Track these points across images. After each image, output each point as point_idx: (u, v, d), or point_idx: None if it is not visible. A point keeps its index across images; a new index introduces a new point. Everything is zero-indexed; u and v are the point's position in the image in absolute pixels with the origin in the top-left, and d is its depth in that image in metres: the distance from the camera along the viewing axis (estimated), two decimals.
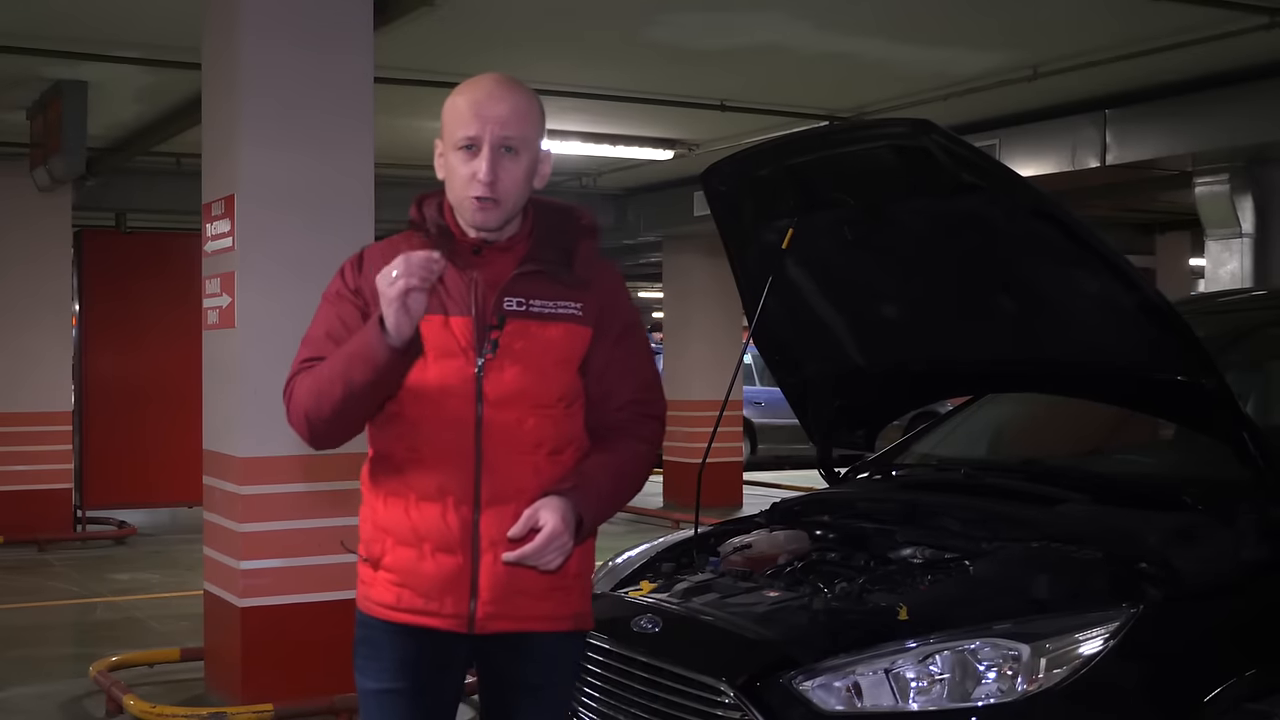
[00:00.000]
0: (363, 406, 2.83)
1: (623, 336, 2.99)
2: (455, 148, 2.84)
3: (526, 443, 2.85)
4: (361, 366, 2.73)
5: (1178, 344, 3.65)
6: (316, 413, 2.84)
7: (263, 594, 6.28)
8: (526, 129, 2.85)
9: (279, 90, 6.30)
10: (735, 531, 4.38)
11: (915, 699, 3.25)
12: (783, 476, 16.67)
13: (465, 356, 2.84)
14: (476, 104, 2.82)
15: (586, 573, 3.02)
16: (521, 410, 2.84)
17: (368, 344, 2.71)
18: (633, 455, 2.97)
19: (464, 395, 2.83)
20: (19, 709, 6.77)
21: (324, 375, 2.81)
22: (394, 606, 2.90)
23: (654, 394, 3.06)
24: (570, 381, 2.92)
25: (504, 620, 2.87)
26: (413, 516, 2.86)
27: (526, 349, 2.85)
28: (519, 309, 2.86)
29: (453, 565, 2.84)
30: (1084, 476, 4.28)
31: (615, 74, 9.48)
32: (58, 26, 8.10)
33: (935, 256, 4.07)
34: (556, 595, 2.92)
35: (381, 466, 2.93)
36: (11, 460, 12.56)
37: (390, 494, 2.90)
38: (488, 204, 2.82)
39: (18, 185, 11.91)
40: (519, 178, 2.85)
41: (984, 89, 9.46)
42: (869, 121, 6.92)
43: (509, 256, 2.90)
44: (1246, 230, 10.09)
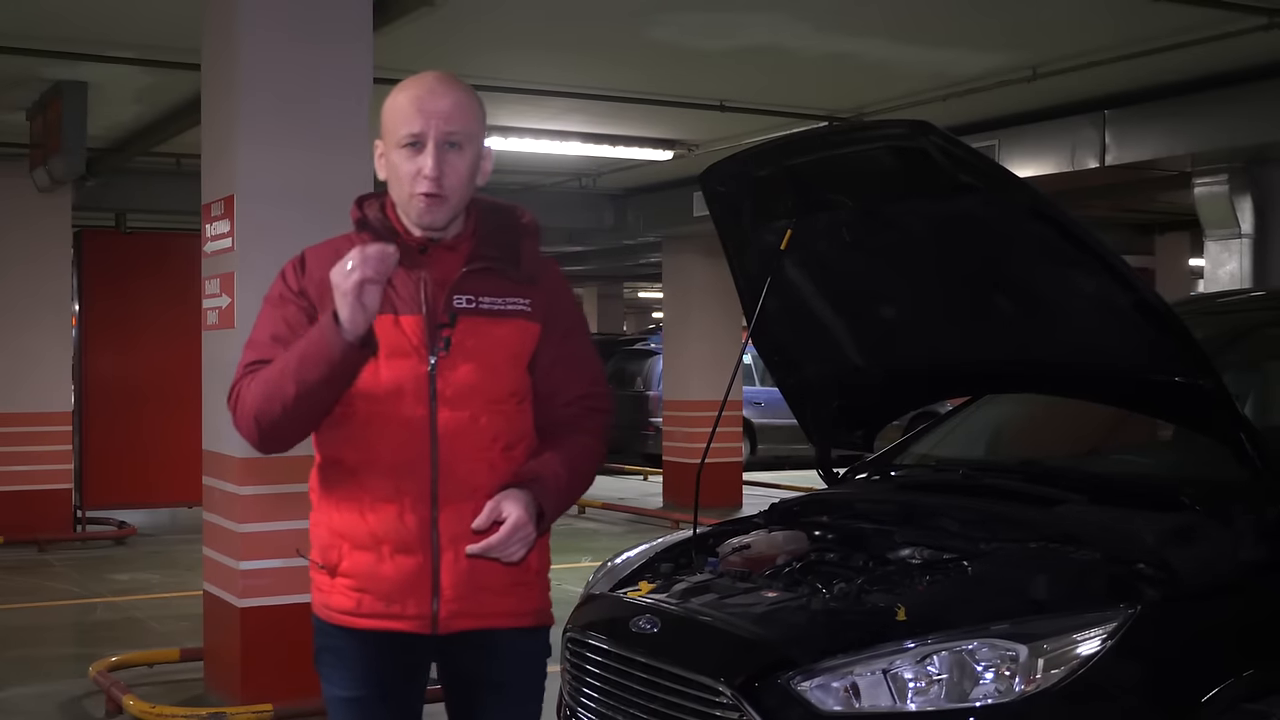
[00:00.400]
0: (315, 406, 2.81)
1: (569, 332, 3.00)
2: (398, 145, 2.83)
3: (481, 439, 2.85)
4: (315, 364, 2.71)
5: (1175, 344, 3.65)
6: (267, 414, 2.81)
7: (262, 594, 6.28)
8: (470, 124, 2.84)
9: (278, 90, 6.31)
10: (734, 532, 4.38)
11: (913, 699, 3.25)
12: (782, 477, 16.67)
13: (417, 355, 2.83)
14: (419, 100, 2.82)
15: (545, 569, 3.02)
16: (475, 407, 2.84)
17: (322, 341, 2.70)
18: (585, 449, 2.98)
19: (418, 394, 2.83)
20: (18, 709, 6.77)
21: (275, 375, 2.79)
22: (354, 613, 2.89)
23: (601, 388, 3.06)
24: (520, 377, 2.92)
25: (467, 618, 2.87)
26: (369, 519, 2.85)
27: (478, 346, 2.85)
28: (469, 306, 2.86)
29: (413, 566, 2.83)
30: (1082, 477, 4.28)
31: (615, 74, 9.49)
32: (57, 27, 8.11)
33: (933, 257, 4.08)
34: (518, 591, 2.93)
35: (332, 471, 2.92)
36: (11, 460, 12.57)
37: (344, 498, 2.89)
38: (435, 200, 2.82)
39: (18, 185, 11.91)
40: (464, 173, 2.84)
41: (983, 90, 9.46)
42: (868, 123, 6.93)
43: (455, 255, 2.90)
44: (1245, 231, 10.10)
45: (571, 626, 4.02)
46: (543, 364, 2.95)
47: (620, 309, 34.63)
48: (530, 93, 9.91)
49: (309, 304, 2.89)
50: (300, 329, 2.84)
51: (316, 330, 2.73)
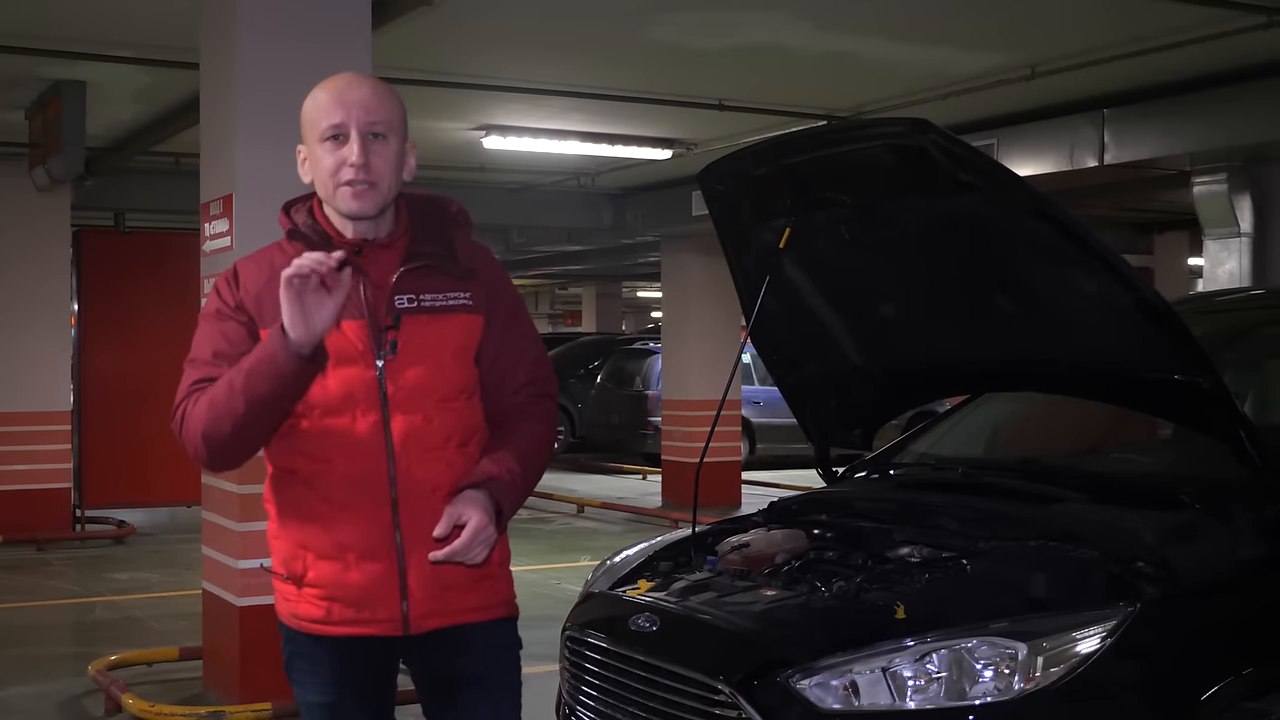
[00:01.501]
0: (265, 421, 2.78)
1: (511, 320, 2.99)
2: (321, 139, 2.81)
3: (435, 438, 2.84)
4: (264, 379, 2.67)
5: (1175, 343, 3.65)
6: (215, 432, 2.76)
7: (261, 593, 6.27)
8: (392, 114, 2.84)
9: (277, 89, 6.29)
10: (733, 530, 4.38)
11: (912, 698, 3.25)
12: (781, 476, 16.67)
13: (364, 360, 2.81)
14: (338, 92, 2.83)
15: (507, 561, 3.03)
16: (427, 407, 2.83)
17: (271, 355, 2.65)
18: (536, 438, 2.97)
19: (368, 400, 2.81)
20: (18, 708, 6.78)
21: (222, 393, 2.74)
22: (324, 621, 2.89)
23: (544, 370, 3.05)
24: (468, 371, 2.91)
25: (438, 617, 2.87)
26: (331, 529, 2.84)
27: (424, 345, 2.84)
28: (411, 305, 2.84)
29: (379, 571, 2.83)
30: (1081, 475, 4.28)
31: (613, 73, 9.49)
32: (56, 26, 8.11)
33: (933, 256, 4.07)
34: (485, 585, 2.94)
35: (287, 482, 2.90)
36: (10, 460, 12.57)
37: (303, 509, 2.87)
38: (362, 188, 2.79)
39: (16, 185, 11.91)
40: (390, 161, 2.82)
41: (982, 88, 9.47)
42: (866, 121, 6.91)
43: (391, 254, 2.88)
44: (1244, 230, 10.10)
45: (570, 625, 4.02)
46: (488, 355, 2.94)
47: (619, 308, 34.62)
48: (529, 92, 9.91)
49: (247, 318, 2.86)
50: (241, 343, 2.82)
51: (264, 346, 2.69)
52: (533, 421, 2.98)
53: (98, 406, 13.16)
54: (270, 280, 2.81)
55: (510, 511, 2.86)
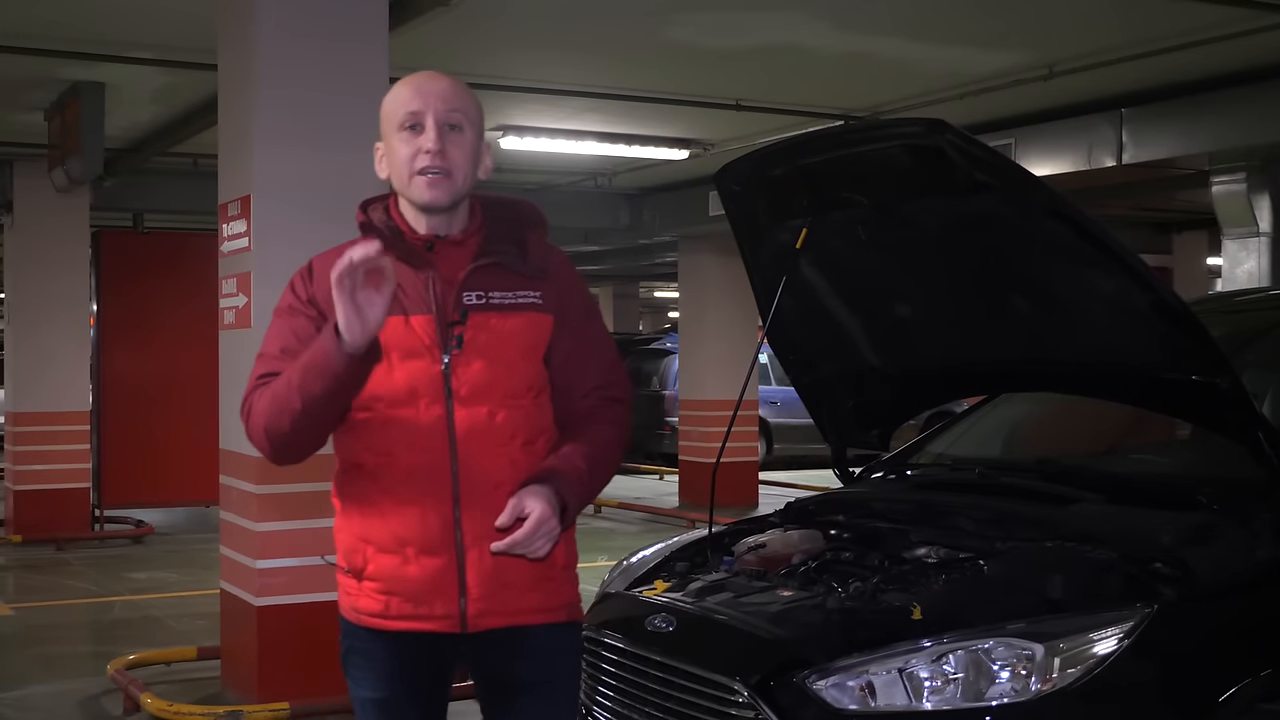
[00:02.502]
0: (323, 418, 2.80)
1: (583, 323, 2.98)
2: (399, 129, 2.84)
3: (500, 436, 2.83)
4: (318, 377, 2.70)
5: (1193, 343, 3.64)
6: (276, 428, 2.81)
7: (279, 593, 6.30)
8: (468, 107, 2.87)
9: (295, 90, 6.32)
10: (749, 531, 4.38)
11: (929, 699, 3.25)
12: (798, 476, 16.66)
13: (430, 355, 2.81)
14: (416, 84, 2.87)
15: (572, 563, 3.00)
16: (492, 404, 2.82)
17: (323, 353, 2.68)
18: (605, 440, 2.95)
19: (433, 394, 2.81)
20: (37, 707, 6.80)
21: (281, 389, 2.77)
22: (383, 615, 2.89)
23: (617, 377, 3.03)
24: (537, 371, 2.90)
25: (496, 616, 2.85)
26: (391, 522, 2.84)
27: (490, 342, 2.83)
28: (479, 302, 2.84)
29: (438, 566, 2.82)
30: (1098, 476, 4.28)
31: (631, 74, 9.49)
32: (75, 28, 8.14)
33: (949, 256, 4.07)
34: (546, 586, 2.91)
35: (352, 476, 2.91)
36: (30, 460, 12.63)
37: (365, 502, 2.88)
38: (438, 176, 2.81)
39: (36, 186, 11.99)
40: (466, 152, 2.84)
41: (999, 88, 9.44)
42: (883, 121, 6.91)
43: (462, 251, 2.88)
44: (1264, 229, 10.05)
45: (587, 625, 4.01)
46: (558, 356, 2.93)
47: (636, 308, 34.61)
48: (546, 92, 9.92)
49: (318, 313, 2.88)
50: (309, 339, 2.83)
51: (318, 343, 2.71)
52: (603, 424, 2.96)
53: (116, 406, 13.20)
54: None
55: (575, 509, 2.84)
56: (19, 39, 8.37)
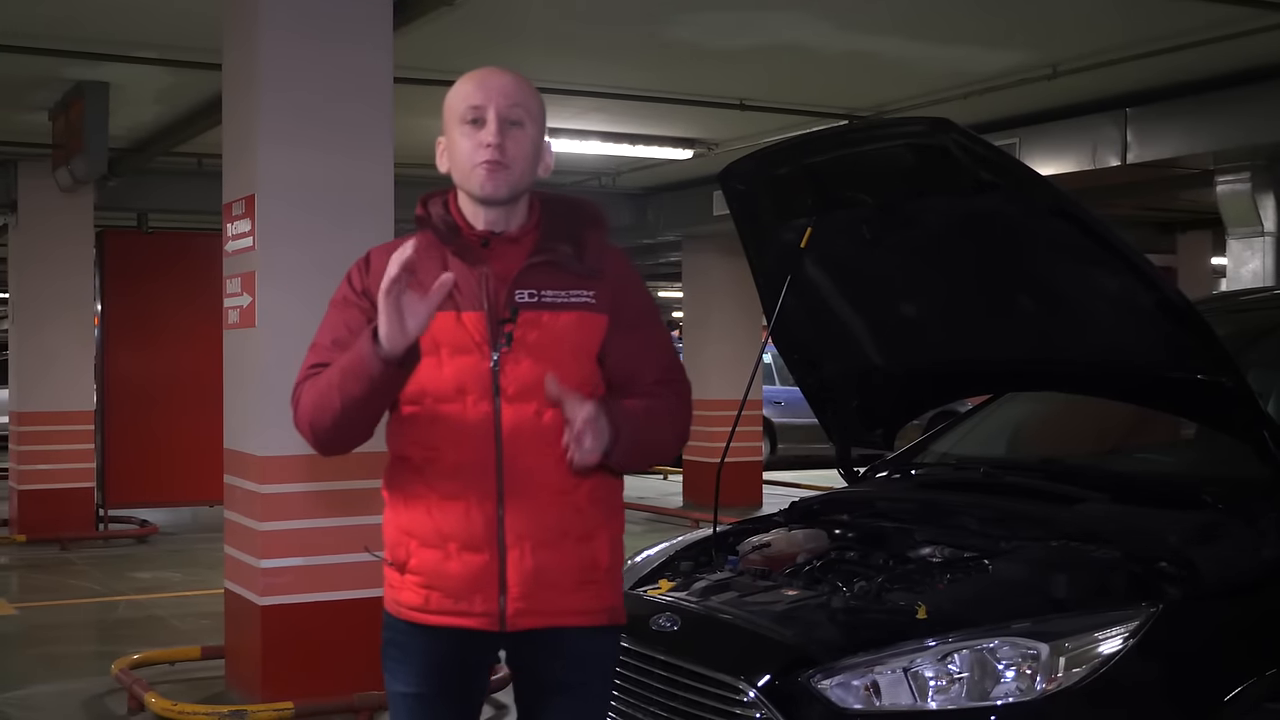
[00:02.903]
0: (364, 417, 2.81)
1: (639, 323, 2.95)
2: (461, 122, 2.85)
3: (547, 435, 2.80)
4: (356, 379, 2.72)
5: (1198, 342, 3.64)
6: (319, 423, 2.84)
7: (283, 592, 6.30)
8: (530, 103, 2.89)
9: (299, 89, 6.32)
10: (754, 530, 4.38)
11: (934, 698, 3.25)
12: (802, 476, 16.66)
13: (480, 352, 2.81)
14: (480, 79, 2.87)
15: (617, 566, 2.97)
16: (540, 402, 2.80)
17: (361, 356, 2.70)
18: (663, 406, 2.92)
19: (481, 391, 2.81)
20: (41, 706, 6.81)
21: (323, 386, 2.80)
22: (423, 609, 2.88)
23: (675, 375, 3.01)
24: (588, 371, 2.88)
25: (535, 616, 2.84)
26: (435, 517, 2.84)
27: (541, 340, 2.82)
28: (531, 300, 2.84)
29: (479, 563, 2.82)
30: (1103, 475, 4.28)
31: (635, 73, 9.49)
32: (79, 27, 8.14)
33: (954, 255, 4.07)
34: (588, 589, 2.89)
35: (400, 469, 2.91)
36: (34, 459, 12.65)
37: (411, 496, 2.88)
38: (497, 169, 2.81)
39: (40, 186, 12.00)
40: (526, 148, 2.85)
41: (1003, 88, 9.44)
42: (888, 120, 6.90)
43: (518, 249, 2.88)
44: (1268, 229, 10.04)
45: None
46: (613, 357, 2.91)
47: None
48: (549, 92, 9.82)
49: (370, 305, 2.86)
50: (359, 330, 2.84)
51: (357, 346, 2.72)
52: (661, 398, 2.93)
53: (120, 406, 13.20)
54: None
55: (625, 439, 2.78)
56: (23, 38, 8.38)
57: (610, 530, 2.95)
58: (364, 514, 6.15)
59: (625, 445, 2.79)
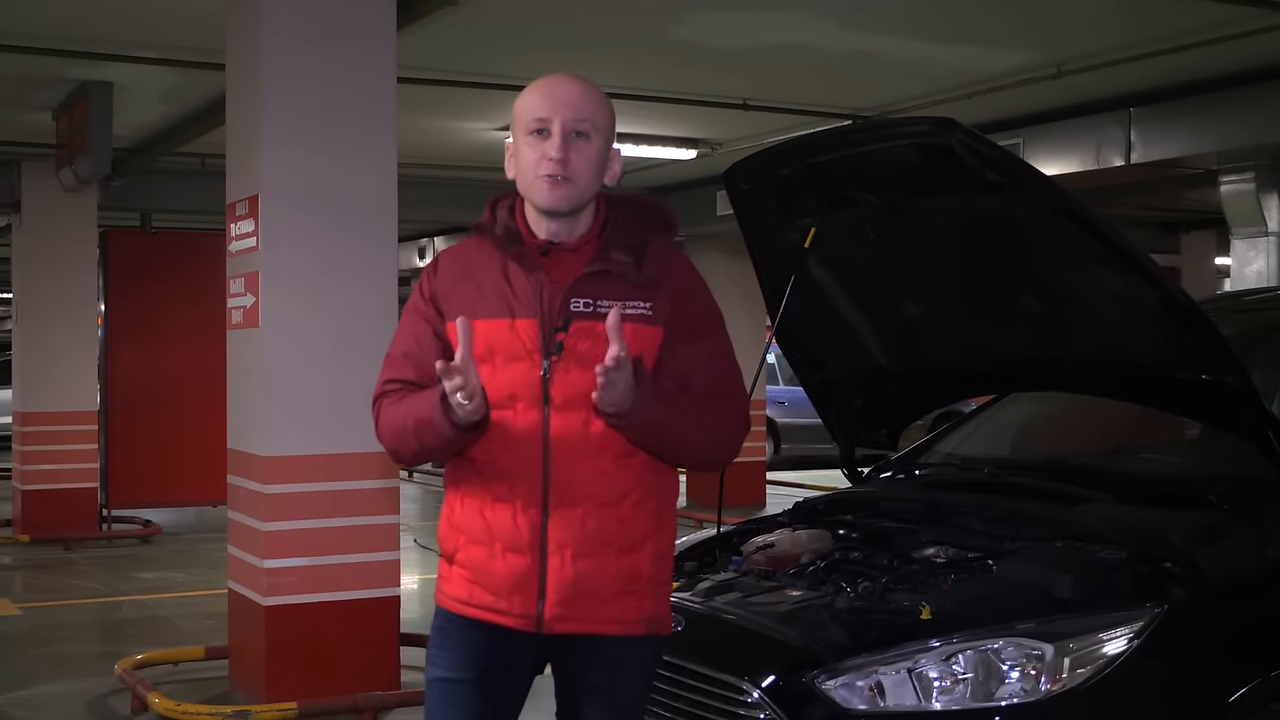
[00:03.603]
0: (443, 454, 2.90)
1: (696, 335, 2.93)
2: (527, 133, 2.86)
3: (593, 446, 2.82)
4: (431, 434, 2.80)
5: (1202, 342, 3.63)
6: (401, 450, 2.93)
7: (287, 592, 6.30)
8: (598, 115, 2.88)
9: (303, 89, 6.32)
10: (758, 531, 4.38)
11: (938, 698, 3.25)
12: (806, 476, 16.64)
13: (531, 359, 2.83)
14: (548, 88, 2.88)
15: (661, 577, 2.95)
16: (588, 413, 2.80)
17: (433, 421, 2.77)
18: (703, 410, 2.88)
19: (531, 399, 2.83)
20: (45, 706, 6.81)
21: (398, 424, 2.89)
22: (466, 601, 2.92)
23: (730, 386, 2.97)
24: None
25: (571, 622, 2.86)
26: (486, 517, 2.88)
27: (592, 350, 2.78)
28: (585, 310, 2.83)
29: (521, 565, 2.84)
30: (1108, 475, 4.27)
31: (638, 73, 9.48)
32: (83, 28, 8.14)
33: (958, 255, 4.06)
34: (627, 599, 2.89)
35: (462, 468, 2.94)
36: (37, 459, 12.65)
37: (467, 494, 2.93)
38: (559, 182, 2.82)
39: (44, 185, 12.01)
40: (591, 160, 2.86)
41: (1008, 87, 9.43)
42: (892, 120, 6.90)
43: (578, 257, 2.88)
44: (1272, 229, 10.03)
45: None
46: (669, 367, 2.89)
47: None
48: None
49: (436, 312, 2.92)
50: (428, 346, 2.91)
51: (429, 410, 2.78)
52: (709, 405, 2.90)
53: (124, 406, 13.20)
54: (463, 273, 2.92)
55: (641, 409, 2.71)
56: (27, 38, 8.38)
57: (657, 542, 2.93)
58: (367, 514, 6.15)
59: (642, 415, 2.73)
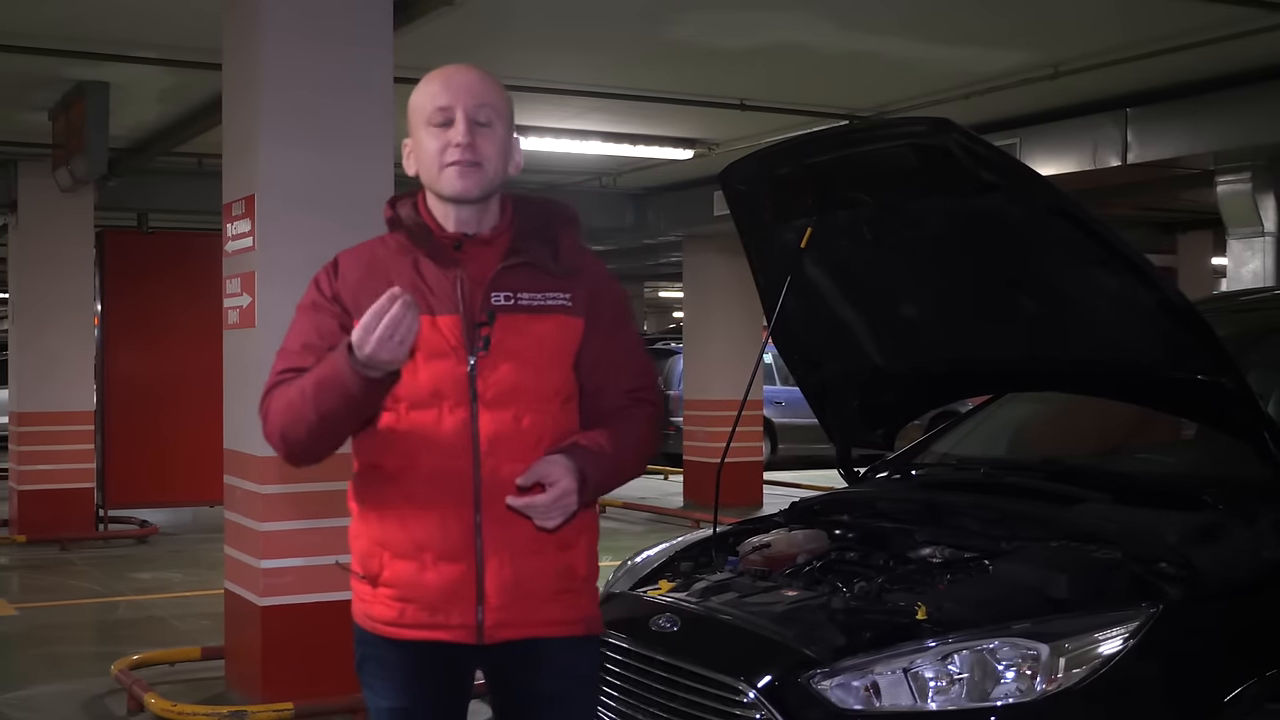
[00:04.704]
0: (339, 428, 2.76)
1: (614, 326, 2.91)
2: (428, 124, 2.79)
3: (525, 440, 2.76)
4: (332, 394, 2.65)
5: (1198, 343, 3.64)
6: (292, 434, 2.77)
7: (283, 593, 6.30)
8: (499, 103, 2.81)
9: (299, 89, 6.32)
10: (754, 531, 4.38)
11: (934, 699, 3.25)
12: (802, 476, 16.65)
13: (456, 356, 2.75)
14: (446, 77, 2.81)
15: (593, 576, 2.95)
16: (518, 408, 2.76)
17: (338, 373, 2.62)
18: (633, 432, 2.88)
19: (458, 396, 2.75)
20: (41, 707, 6.81)
21: (296, 398, 2.73)
22: (397, 623, 2.82)
23: (648, 381, 2.98)
24: (565, 375, 2.84)
25: (513, 627, 2.79)
26: (410, 527, 2.77)
27: (518, 344, 2.77)
28: (507, 303, 2.78)
29: (456, 574, 2.76)
30: (1104, 475, 4.27)
31: (635, 73, 9.48)
32: (80, 27, 8.14)
33: (954, 256, 4.07)
34: (565, 599, 2.85)
35: (371, 478, 2.84)
36: (34, 460, 12.65)
37: (384, 505, 2.81)
38: (469, 168, 2.76)
39: (40, 186, 12.00)
40: (496, 147, 2.80)
41: (1005, 88, 9.43)
42: (888, 120, 6.90)
43: (492, 250, 2.83)
44: (1269, 229, 10.04)
45: None
46: (587, 360, 2.86)
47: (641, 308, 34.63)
48: (551, 92, 9.91)
49: (342, 310, 2.82)
50: (331, 336, 2.78)
51: (333, 361, 2.65)
52: (632, 420, 2.89)
53: (120, 406, 13.20)
54: (370, 271, 2.83)
55: (596, 486, 2.75)
56: (24, 38, 8.37)
57: (588, 538, 2.92)
58: None
59: (592, 492, 2.76)
